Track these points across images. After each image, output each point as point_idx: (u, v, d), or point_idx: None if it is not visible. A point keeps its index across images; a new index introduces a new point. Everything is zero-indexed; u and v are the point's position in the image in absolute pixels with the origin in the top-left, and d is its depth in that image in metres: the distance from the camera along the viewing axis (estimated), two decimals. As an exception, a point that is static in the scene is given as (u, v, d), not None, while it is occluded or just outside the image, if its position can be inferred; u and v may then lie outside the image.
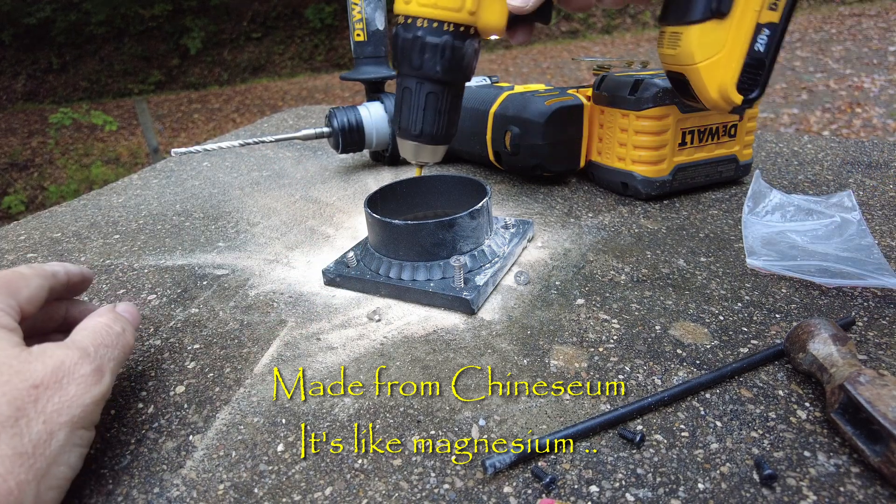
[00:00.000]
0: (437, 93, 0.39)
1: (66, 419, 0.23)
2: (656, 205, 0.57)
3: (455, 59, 0.37)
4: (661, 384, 0.31)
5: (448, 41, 0.37)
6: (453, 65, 0.38)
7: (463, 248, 0.41)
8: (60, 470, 0.23)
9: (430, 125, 0.40)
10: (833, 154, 0.70)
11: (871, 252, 0.41)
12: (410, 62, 0.38)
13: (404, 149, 0.42)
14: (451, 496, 0.25)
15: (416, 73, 0.38)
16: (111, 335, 0.28)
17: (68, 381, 0.24)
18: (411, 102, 0.39)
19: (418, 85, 0.38)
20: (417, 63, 0.37)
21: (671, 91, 0.52)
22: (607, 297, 0.40)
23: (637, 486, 0.25)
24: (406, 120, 0.40)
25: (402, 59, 0.38)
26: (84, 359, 0.25)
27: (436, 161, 0.42)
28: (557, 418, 0.29)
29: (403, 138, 0.41)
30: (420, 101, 0.39)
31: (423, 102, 0.39)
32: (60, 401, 0.23)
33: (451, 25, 0.36)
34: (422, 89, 0.38)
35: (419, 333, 0.37)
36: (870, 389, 0.25)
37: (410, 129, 0.40)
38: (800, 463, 0.25)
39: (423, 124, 0.40)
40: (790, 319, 0.36)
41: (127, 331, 0.29)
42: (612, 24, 6.63)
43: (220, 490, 0.26)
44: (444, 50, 0.37)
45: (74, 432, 0.23)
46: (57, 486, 0.22)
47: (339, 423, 0.30)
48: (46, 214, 0.64)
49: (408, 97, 0.39)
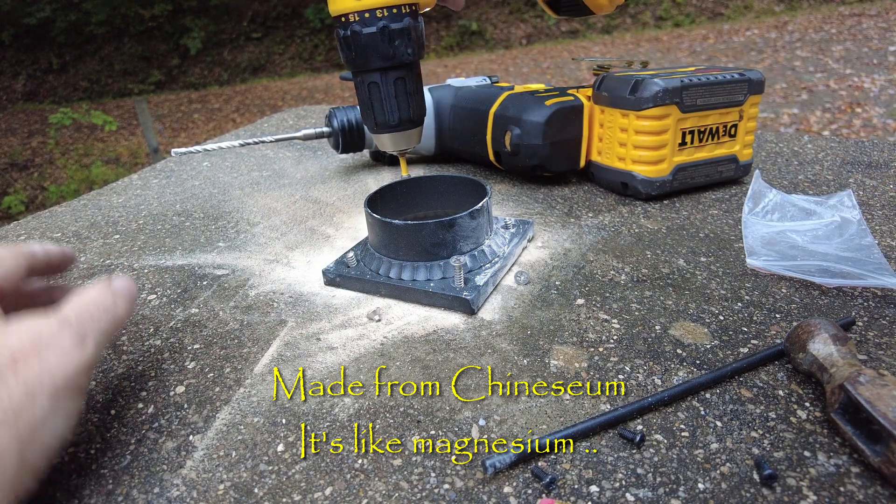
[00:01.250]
0: (405, 76, 0.40)
1: (47, 387, 0.23)
2: (656, 205, 0.57)
3: (419, 38, 0.39)
4: (661, 384, 0.31)
5: (409, 22, 0.38)
6: (419, 43, 0.39)
7: (463, 248, 0.41)
8: (45, 436, 0.23)
9: (405, 110, 0.41)
10: (833, 154, 0.70)
11: (872, 252, 0.41)
12: (380, 54, 0.38)
13: (383, 142, 0.43)
14: (451, 496, 0.25)
15: (384, 65, 0.39)
16: (99, 306, 0.28)
17: (47, 350, 0.24)
18: (381, 95, 0.40)
19: (383, 76, 0.39)
20: (388, 52, 0.38)
21: (670, 91, 0.52)
22: (607, 296, 0.40)
23: (637, 486, 0.25)
24: (381, 114, 0.41)
25: (367, 56, 0.38)
26: (64, 328, 0.25)
27: (415, 145, 0.43)
28: (557, 418, 0.29)
29: (382, 132, 0.42)
30: (390, 90, 0.40)
31: (392, 91, 0.40)
32: (41, 369, 0.23)
33: (406, 7, 0.38)
34: (388, 79, 0.39)
35: (419, 333, 0.37)
36: (870, 389, 0.25)
37: (388, 120, 0.41)
38: (800, 463, 0.25)
39: (399, 112, 0.41)
40: (790, 319, 0.36)
41: (119, 303, 0.29)
42: (612, 24, 6.63)
43: (221, 490, 0.26)
44: (410, 31, 0.38)
45: (58, 399, 0.23)
46: (42, 452, 0.23)
47: (339, 423, 0.30)
48: (46, 214, 0.64)
49: (376, 92, 0.40)
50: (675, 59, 4.59)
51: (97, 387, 0.34)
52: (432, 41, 6.81)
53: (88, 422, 0.31)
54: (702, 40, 5.21)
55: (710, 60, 4.34)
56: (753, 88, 0.57)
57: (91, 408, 0.32)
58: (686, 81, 0.53)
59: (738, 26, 5.50)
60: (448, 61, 6.35)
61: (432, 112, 0.69)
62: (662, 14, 6.39)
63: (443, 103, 0.69)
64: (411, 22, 0.38)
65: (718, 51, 4.69)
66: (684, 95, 0.53)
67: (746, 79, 0.56)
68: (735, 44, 4.89)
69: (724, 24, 5.71)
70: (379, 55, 0.38)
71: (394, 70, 0.39)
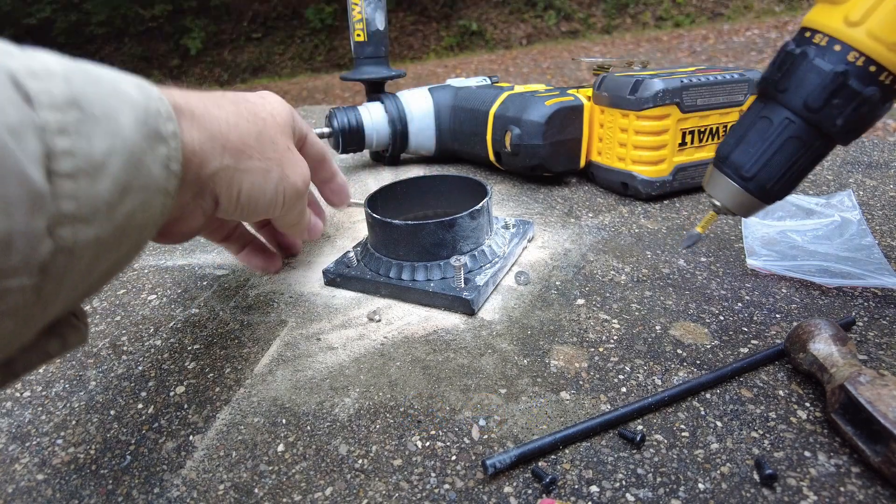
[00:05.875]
0: (806, 143, 0.30)
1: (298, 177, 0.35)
2: (656, 205, 0.57)
3: (864, 119, 0.29)
4: (662, 384, 0.31)
5: (874, 94, 0.28)
6: (857, 125, 0.29)
7: (463, 248, 0.41)
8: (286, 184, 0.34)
9: (770, 174, 0.31)
10: (833, 154, 0.70)
11: (872, 252, 0.41)
12: (807, 95, 0.29)
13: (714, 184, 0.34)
14: (451, 496, 0.25)
15: (797, 111, 0.30)
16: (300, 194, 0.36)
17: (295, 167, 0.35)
18: (764, 135, 0.31)
19: (786, 122, 0.30)
20: (817, 104, 0.29)
21: (671, 91, 0.52)
22: (607, 297, 0.40)
23: (637, 486, 0.25)
24: (744, 155, 0.31)
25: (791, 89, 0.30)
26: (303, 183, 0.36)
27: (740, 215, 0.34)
28: (557, 418, 0.29)
29: (723, 172, 0.33)
30: (777, 140, 0.30)
31: (779, 144, 0.30)
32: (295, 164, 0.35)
33: (889, 77, 0.28)
34: (787, 129, 0.30)
35: (419, 333, 0.37)
36: (870, 389, 0.25)
37: (744, 166, 0.32)
38: (800, 463, 0.25)
39: (762, 168, 0.31)
40: (790, 319, 0.36)
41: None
42: (612, 24, 6.63)
43: (221, 490, 0.26)
44: (864, 104, 0.28)
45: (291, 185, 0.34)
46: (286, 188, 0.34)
47: (339, 423, 0.30)
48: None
49: (762, 130, 0.31)
50: (675, 59, 4.59)
51: (97, 387, 0.34)
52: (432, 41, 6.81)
53: (88, 422, 0.31)
54: (702, 40, 5.21)
55: (710, 60, 4.34)
56: (754, 88, 0.57)
57: (91, 408, 0.32)
58: (686, 82, 0.53)
59: (738, 26, 5.50)
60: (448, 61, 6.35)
61: (432, 113, 0.69)
62: (662, 14, 6.39)
63: (443, 103, 0.69)
64: (875, 95, 0.28)
65: (719, 51, 4.69)
66: (684, 96, 0.53)
67: (747, 79, 0.56)
68: (735, 44, 4.89)
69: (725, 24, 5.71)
70: (804, 97, 0.29)
71: (803, 125, 0.30)
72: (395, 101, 0.68)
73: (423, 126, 0.69)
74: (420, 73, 5.40)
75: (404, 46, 6.77)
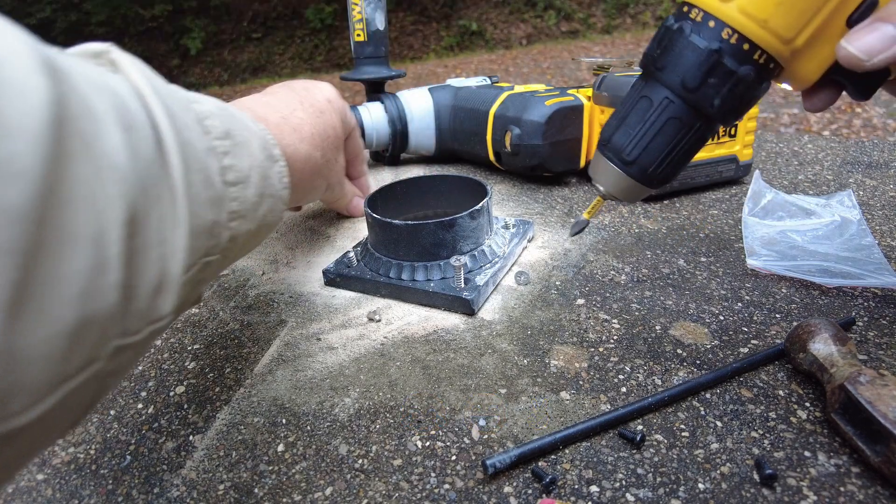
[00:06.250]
0: (686, 124, 0.29)
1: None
2: (656, 205, 0.57)
3: (741, 100, 0.28)
4: (662, 384, 0.31)
5: (749, 74, 0.27)
6: (735, 105, 0.28)
7: (463, 248, 0.41)
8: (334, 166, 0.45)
9: (651, 157, 0.29)
10: (833, 154, 0.70)
11: (872, 252, 0.41)
12: (681, 72, 0.27)
13: (600, 170, 0.32)
14: (451, 496, 0.25)
15: (676, 91, 0.28)
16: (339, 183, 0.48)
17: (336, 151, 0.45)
18: (644, 116, 0.29)
19: (666, 102, 0.28)
20: (694, 83, 0.27)
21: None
22: (607, 297, 0.40)
23: (637, 486, 0.25)
24: (625, 137, 0.30)
25: (668, 66, 0.28)
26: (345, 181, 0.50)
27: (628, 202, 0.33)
28: (557, 418, 0.29)
29: (605, 156, 0.31)
30: (657, 122, 0.29)
31: (659, 126, 0.29)
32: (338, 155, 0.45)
33: (763, 56, 0.26)
34: (667, 110, 0.28)
35: (419, 333, 0.37)
36: (870, 389, 0.25)
37: (625, 149, 0.30)
38: (800, 463, 0.25)
39: (643, 151, 0.29)
40: (790, 319, 0.36)
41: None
42: (612, 24, 6.63)
43: (221, 490, 0.26)
44: (739, 83, 0.27)
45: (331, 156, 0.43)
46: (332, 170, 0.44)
47: (339, 423, 0.30)
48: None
49: (642, 110, 0.29)
50: (675, 59, 4.59)
51: (97, 387, 0.34)
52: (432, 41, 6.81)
53: (88, 422, 0.31)
54: (702, 40, 5.20)
55: (710, 60, 4.33)
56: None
57: (91, 408, 0.32)
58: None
59: (738, 26, 5.49)
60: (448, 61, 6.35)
61: (432, 113, 0.69)
62: (662, 14, 6.38)
63: (443, 103, 0.69)
64: (752, 75, 0.27)
65: (718, 51, 4.69)
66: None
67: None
68: (735, 44, 4.88)
69: (724, 24, 5.70)
70: (680, 74, 0.27)
71: (681, 105, 0.28)
72: (394, 101, 0.68)
73: (422, 126, 0.69)
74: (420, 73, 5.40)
75: (404, 46, 6.77)
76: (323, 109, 0.41)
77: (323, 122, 0.40)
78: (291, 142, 0.36)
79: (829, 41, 0.26)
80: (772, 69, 0.27)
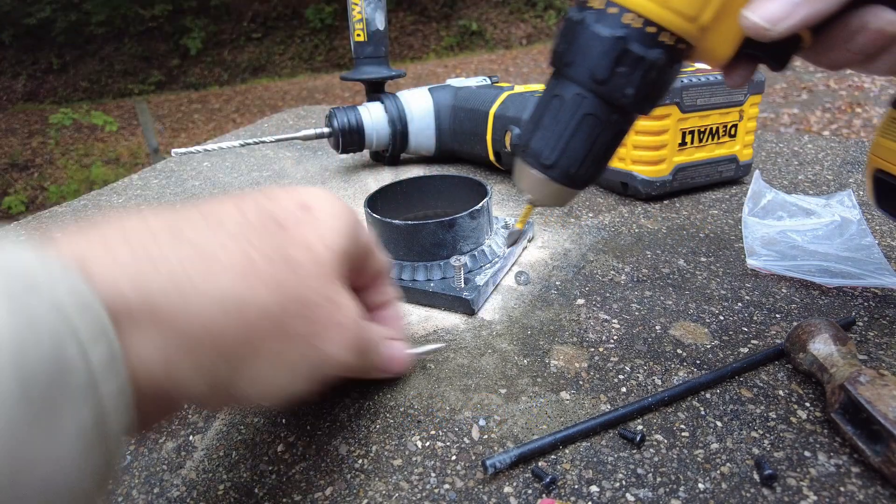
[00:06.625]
0: (602, 119, 0.27)
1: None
2: (656, 205, 0.57)
3: (655, 85, 0.26)
4: (662, 384, 0.31)
5: (659, 58, 0.25)
6: (650, 92, 0.26)
7: (463, 248, 0.41)
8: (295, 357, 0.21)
9: (571, 158, 0.28)
10: (833, 154, 0.70)
11: (872, 252, 0.41)
12: (589, 67, 0.26)
13: (523, 178, 0.30)
14: (451, 496, 0.25)
15: (587, 85, 0.26)
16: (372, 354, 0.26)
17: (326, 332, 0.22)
18: (558, 117, 0.27)
19: (578, 99, 0.27)
20: (603, 74, 0.26)
21: (672, 91, 0.52)
22: (607, 297, 0.40)
23: (637, 486, 0.25)
24: (541, 141, 0.28)
25: (573, 57, 0.26)
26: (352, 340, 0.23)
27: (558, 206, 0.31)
28: (557, 418, 0.29)
29: (526, 162, 0.29)
30: (572, 121, 0.27)
31: (575, 124, 0.27)
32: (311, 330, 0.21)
33: (671, 37, 0.25)
34: (581, 107, 0.27)
35: (419, 333, 0.37)
36: (870, 389, 0.25)
37: (543, 153, 0.28)
38: (800, 463, 0.25)
39: (561, 153, 0.28)
40: (790, 319, 0.36)
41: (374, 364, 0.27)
42: (612, 24, 6.62)
43: (221, 490, 0.26)
44: (650, 69, 0.25)
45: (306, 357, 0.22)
46: None
47: (339, 423, 0.30)
48: (47, 215, 0.64)
49: (555, 110, 0.27)
50: (675, 59, 4.59)
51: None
52: (432, 41, 6.81)
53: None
54: (702, 40, 5.21)
55: (710, 60, 4.33)
56: (753, 88, 0.57)
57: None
58: (686, 81, 0.53)
59: (738, 26, 5.50)
60: (448, 61, 6.35)
61: (432, 113, 0.69)
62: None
63: (443, 103, 0.69)
64: (661, 59, 0.25)
65: (718, 51, 4.69)
66: (684, 95, 0.53)
67: (746, 79, 0.56)
68: (735, 44, 4.88)
69: (725, 24, 5.71)
70: (588, 68, 0.26)
71: (594, 100, 0.26)
72: (395, 101, 0.68)
73: (423, 126, 0.69)
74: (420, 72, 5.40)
75: (404, 46, 6.77)
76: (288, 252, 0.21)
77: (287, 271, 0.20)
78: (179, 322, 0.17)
79: (736, 15, 0.25)
80: (682, 50, 0.26)
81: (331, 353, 0.22)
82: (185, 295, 0.17)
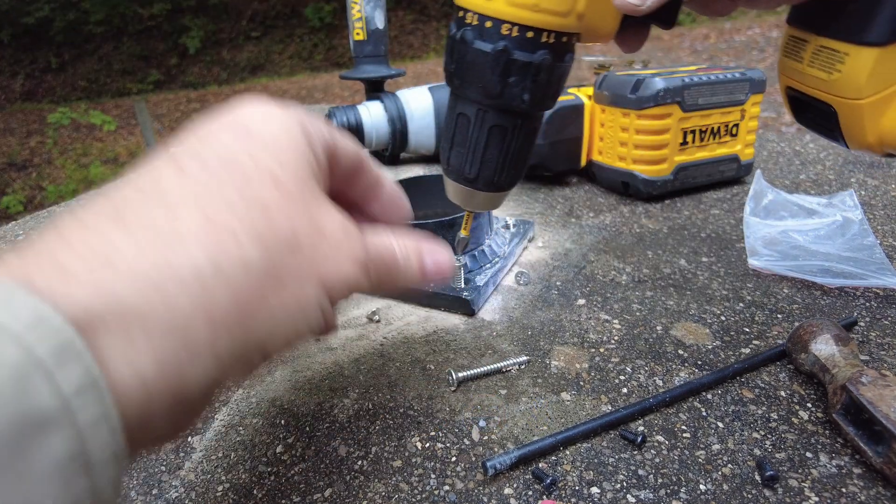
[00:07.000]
0: (508, 127, 0.27)
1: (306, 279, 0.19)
2: (657, 204, 0.56)
3: (549, 84, 0.27)
4: (663, 385, 0.31)
5: (545, 59, 0.25)
6: (546, 92, 0.27)
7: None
8: (277, 321, 0.18)
9: (491, 169, 0.29)
10: (835, 153, 0.69)
11: (874, 252, 0.41)
12: (482, 84, 0.26)
13: (453, 192, 0.31)
14: (451, 498, 0.25)
15: (483, 101, 0.27)
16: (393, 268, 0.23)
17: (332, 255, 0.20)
18: (468, 136, 0.28)
19: (478, 114, 0.27)
20: (495, 89, 0.26)
21: (672, 90, 0.52)
22: (608, 297, 0.40)
23: (638, 487, 0.25)
24: (459, 158, 0.29)
25: (465, 77, 0.27)
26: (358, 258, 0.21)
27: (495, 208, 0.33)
28: (558, 419, 0.29)
29: (453, 180, 0.30)
30: (480, 136, 0.28)
31: (484, 139, 0.28)
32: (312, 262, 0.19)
33: (550, 36, 0.25)
34: (485, 121, 0.27)
35: (419, 334, 0.37)
36: (872, 390, 0.25)
37: (464, 169, 0.29)
38: (802, 464, 0.25)
39: (480, 166, 0.29)
40: (792, 320, 0.36)
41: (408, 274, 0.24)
42: (612, 23, 6.62)
43: (219, 491, 0.26)
44: (539, 71, 0.26)
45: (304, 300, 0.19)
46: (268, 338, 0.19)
47: (338, 424, 0.29)
48: (45, 214, 0.64)
49: (463, 128, 0.28)
50: (676, 58, 4.59)
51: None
52: (432, 40, 6.80)
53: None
54: (703, 39, 5.21)
55: (711, 60, 4.34)
56: (755, 88, 0.57)
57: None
58: (687, 81, 0.53)
59: (739, 25, 5.50)
60: (448, 60, 6.33)
61: (432, 112, 0.69)
62: (662, 13, 6.37)
63: (443, 102, 0.69)
64: (547, 59, 0.25)
65: (720, 50, 4.69)
66: (686, 95, 0.53)
67: (748, 78, 0.56)
68: (737, 43, 4.88)
69: (726, 22, 5.71)
70: (480, 85, 0.26)
71: (495, 112, 0.27)
72: (394, 100, 0.68)
73: (422, 125, 0.69)
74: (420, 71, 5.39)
75: (404, 45, 6.77)
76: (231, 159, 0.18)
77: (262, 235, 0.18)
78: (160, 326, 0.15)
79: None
80: (567, 42, 0.26)
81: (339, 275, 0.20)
82: (155, 283, 0.15)
